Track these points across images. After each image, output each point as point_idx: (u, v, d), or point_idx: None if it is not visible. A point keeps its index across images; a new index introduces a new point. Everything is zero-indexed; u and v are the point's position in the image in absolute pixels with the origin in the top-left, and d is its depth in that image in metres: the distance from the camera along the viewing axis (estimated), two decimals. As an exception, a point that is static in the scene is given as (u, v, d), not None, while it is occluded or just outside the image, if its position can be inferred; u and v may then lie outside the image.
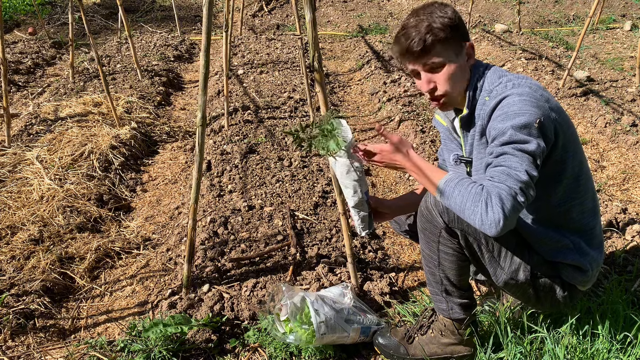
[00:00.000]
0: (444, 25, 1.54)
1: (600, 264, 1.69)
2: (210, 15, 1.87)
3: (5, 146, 3.66)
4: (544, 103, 1.49)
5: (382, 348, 1.95)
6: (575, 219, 1.64)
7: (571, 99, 4.49)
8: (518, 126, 1.44)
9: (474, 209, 1.40)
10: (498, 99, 1.51)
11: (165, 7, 8.87)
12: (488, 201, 1.38)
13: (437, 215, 1.63)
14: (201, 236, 2.65)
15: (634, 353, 1.70)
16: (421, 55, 1.57)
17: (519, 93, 1.48)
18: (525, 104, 1.46)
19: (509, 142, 1.45)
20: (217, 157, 3.58)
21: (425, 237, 1.69)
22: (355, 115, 4.57)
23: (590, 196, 1.65)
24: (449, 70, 1.58)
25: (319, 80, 1.92)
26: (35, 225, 2.79)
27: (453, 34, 1.56)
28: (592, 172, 3.37)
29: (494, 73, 1.61)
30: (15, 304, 2.22)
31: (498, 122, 1.48)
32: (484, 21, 7.57)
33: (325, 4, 8.99)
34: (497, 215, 1.36)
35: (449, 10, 1.58)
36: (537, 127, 1.44)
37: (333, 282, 2.31)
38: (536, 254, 1.67)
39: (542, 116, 1.45)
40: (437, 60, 1.57)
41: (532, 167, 1.42)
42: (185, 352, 1.98)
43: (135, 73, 5.18)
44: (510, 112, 1.46)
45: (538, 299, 1.73)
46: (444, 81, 1.59)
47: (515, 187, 1.38)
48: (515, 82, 1.53)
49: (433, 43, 1.55)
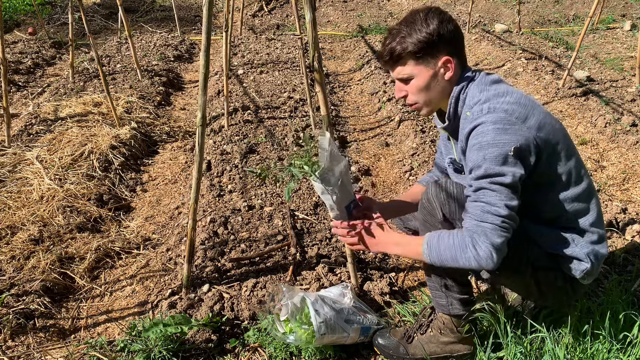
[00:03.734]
0: (418, 40, 1.58)
1: (602, 258, 1.68)
2: (210, 15, 1.87)
3: (5, 146, 3.66)
4: (521, 125, 1.50)
5: (381, 348, 1.95)
6: (572, 218, 1.64)
7: (571, 98, 4.49)
8: (492, 158, 1.47)
9: (466, 256, 1.49)
10: (472, 125, 1.53)
11: (165, 7, 8.87)
12: (474, 243, 1.48)
13: (437, 206, 1.65)
14: (201, 236, 2.65)
15: (634, 353, 1.71)
16: (391, 64, 1.66)
17: (492, 121, 1.49)
18: (499, 133, 1.47)
19: (484, 177, 1.49)
20: (217, 157, 3.58)
21: (426, 229, 1.71)
22: (355, 115, 4.57)
23: (586, 193, 1.65)
24: (418, 83, 1.64)
25: (318, 80, 1.92)
26: (35, 225, 2.79)
27: (427, 49, 1.59)
28: (592, 172, 3.37)
29: (477, 86, 1.62)
30: (15, 304, 2.22)
31: (473, 152, 1.51)
32: (484, 21, 7.57)
33: (325, 4, 8.99)
34: (487, 250, 1.46)
35: (432, 23, 1.58)
36: (512, 155, 1.47)
37: (333, 282, 2.31)
38: (537, 246, 1.67)
39: (518, 142, 1.47)
40: (405, 72, 1.64)
41: (510, 198, 1.47)
42: (185, 352, 1.98)
43: (135, 73, 5.18)
44: (484, 142, 1.48)
45: (541, 293, 1.74)
46: (413, 93, 1.67)
47: (497, 222, 1.46)
48: (491, 106, 1.53)
49: (402, 56, 1.61)
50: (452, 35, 1.60)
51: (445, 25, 1.59)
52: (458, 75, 1.64)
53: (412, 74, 1.63)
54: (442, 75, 1.63)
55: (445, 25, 1.59)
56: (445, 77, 1.63)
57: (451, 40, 1.60)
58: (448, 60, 1.61)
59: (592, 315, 1.86)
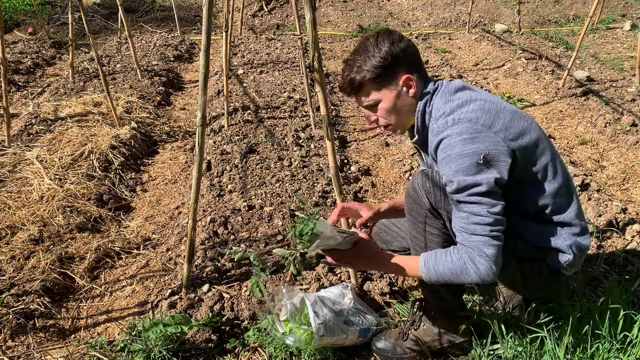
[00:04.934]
0: (374, 66, 1.61)
1: (585, 249, 1.70)
2: (210, 15, 1.87)
3: (5, 146, 3.66)
4: (487, 132, 1.50)
5: (380, 352, 1.96)
6: (555, 211, 1.65)
7: (571, 98, 4.49)
8: (463, 170, 1.48)
9: (466, 272, 1.52)
10: (439, 138, 1.55)
11: (165, 7, 8.86)
12: (472, 259, 1.50)
13: (423, 195, 1.66)
14: (201, 236, 2.65)
15: (634, 353, 1.71)
16: (354, 94, 1.69)
17: (458, 132, 1.50)
18: (466, 143, 1.48)
19: (459, 190, 1.50)
20: (217, 157, 3.58)
21: (412, 219, 1.71)
22: (355, 115, 4.57)
23: (565, 186, 1.66)
24: (384, 106, 1.67)
25: (318, 80, 1.92)
26: (35, 225, 2.79)
27: (384, 72, 1.62)
28: (592, 172, 3.37)
29: (441, 97, 1.64)
30: (15, 304, 2.23)
31: (444, 167, 1.53)
32: (484, 21, 7.57)
33: (325, 4, 8.99)
34: (486, 264, 1.49)
35: (384, 46, 1.61)
36: (482, 163, 1.47)
37: (333, 282, 2.31)
38: (522, 240, 1.68)
39: (487, 148, 1.48)
40: (370, 100, 1.67)
41: (492, 205, 1.49)
42: (185, 352, 1.98)
43: (135, 73, 5.18)
44: (453, 155, 1.50)
45: (526, 284, 1.77)
46: (382, 116, 1.69)
47: (486, 232, 1.49)
48: (456, 117, 1.54)
49: (362, 84, 1.64)
50: (405, 53, 1.63)
51: (396, 45, 1.62)
52: (421, 89, 1.66)
53: (376, 99, 1.66)
54: (405, 93, 1.65)
55: (396, 45, 1.62)
56: (409, 93, 1.65)
57: (406, 58, 1.63)
58: (408, 79, 1.63)
59: (592, 315, 1.86)
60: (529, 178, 1.61)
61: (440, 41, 6.66)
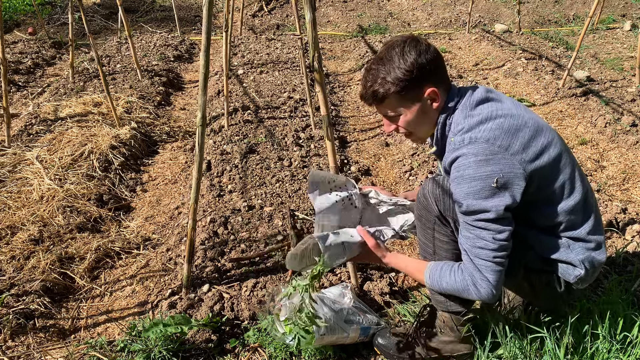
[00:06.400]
0: (399, 79, 1.53)
1: (599, 264, 1.65)
2: (210, 15, 1.87)
3: (5, 146, 3.66)
4: (504, 153, 1.46)
5: (381, 348, 1.95)
6: (569, 227, 1.62)
7: (571, 98, 4.49)
8: (474, 193, 1.46)
9: (467, 292, 1.56)
10: (454, 156, 1.51)
11: (165, 7, 8.86)
12: (474, 281, 1.53)
13: (432, 202, 1.66)
14: (201, 236, 2.65)
15: (634, 353, 1.70)
16: (375, 105, 1.64)
17: (474, 152, 1.46)
18: (480, 165, 1.45)
19: (468, 213, 1.50)
20: (217, 157, 3.58)
21: (422, 225, 1.71)
22: (355, 115, 4.57)
23: (582, 202, 1.61)
24: (407, 119, 1.62)
25: (318, 80, 1.92)
26: (35, 225, 2.79)
27: (409, 84, 1.54)
28: (592, 172, 3.37)
29: (461, 111, 1.58)
30: (15, 304, 2.23)
31: (455, 186, 1.51)
32: (484, 21, 7.57)
33: (325, 4, 8.99)
34: (487, 288, 1.52)
35: (410, 57, 1.52)
36: (496, 186, 1.45)
37: (333, 282, 2.31)
38: (532, 250, 1.67)
39: (501, 171, 1.45)
40: (391, 111, 1.62)
41: (498, 230, 1.48)
42: (185, 352, 1.98)
43: (135, 73, 5.18)
44: (466, 176, 1.47)
45: (534, 294, 1.76)
46: (403, 127, 1.65)
47: (489, 258, 1.50)
48: (473, 135, 1.49)
49: (384, 96, 1.58)
50: (432, 65, 1.54)
51: (423, 56, 1.53)
52: (445, 102, 1.61)
53: (398, 112, 1.61)
54: (429, 106, 1.60)
55: (423, 56, 1.53)
56: (433, 106, 1.60)
57: (432, 70, 1.55)
58: (434, 92, 1.57)
59: (592, 315, 1.86)
60: (543, 198, 1.57)
61: (440, 41, 6.66)
